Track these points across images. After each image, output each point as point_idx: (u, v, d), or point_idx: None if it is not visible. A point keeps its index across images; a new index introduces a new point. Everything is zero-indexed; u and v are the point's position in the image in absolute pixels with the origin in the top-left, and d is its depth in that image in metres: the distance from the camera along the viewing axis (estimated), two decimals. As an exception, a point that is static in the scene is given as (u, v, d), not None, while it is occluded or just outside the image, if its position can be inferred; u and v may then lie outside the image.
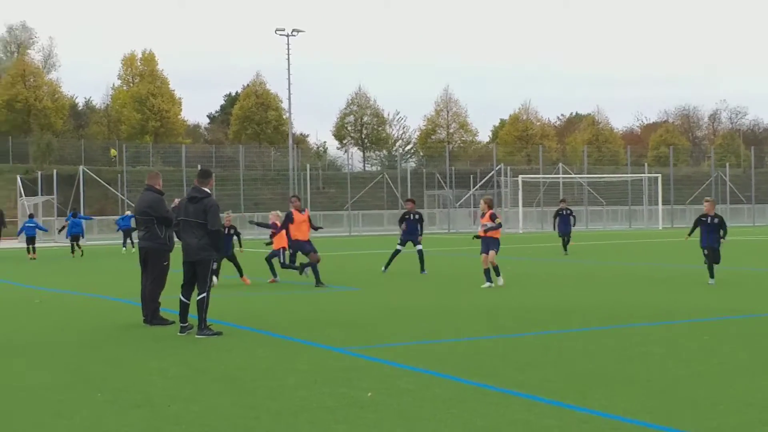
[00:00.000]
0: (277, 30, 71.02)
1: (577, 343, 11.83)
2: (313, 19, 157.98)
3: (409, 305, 16.47)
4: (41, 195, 61.48)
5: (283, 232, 21.50)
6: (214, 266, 13.09)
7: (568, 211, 33.15)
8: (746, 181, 76.84)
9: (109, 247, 48.39)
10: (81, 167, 61.05)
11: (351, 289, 20.05)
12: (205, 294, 12.75)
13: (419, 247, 24.35)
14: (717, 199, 71.05)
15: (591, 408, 8.05)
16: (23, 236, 39.25)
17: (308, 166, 67.61)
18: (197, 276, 12.88)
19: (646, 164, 75.80)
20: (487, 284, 19.35)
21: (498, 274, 19.71)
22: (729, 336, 12.34)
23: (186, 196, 13.24)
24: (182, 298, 13.05)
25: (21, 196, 61.63)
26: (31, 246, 37.77)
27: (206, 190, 13.12)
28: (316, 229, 22.23)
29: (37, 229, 39.43)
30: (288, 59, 71.28)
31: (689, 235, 20.74)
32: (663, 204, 65.46)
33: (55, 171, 61.89)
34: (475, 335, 12.71)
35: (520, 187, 60.14)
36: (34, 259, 36.42)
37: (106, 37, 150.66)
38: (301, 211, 21.10)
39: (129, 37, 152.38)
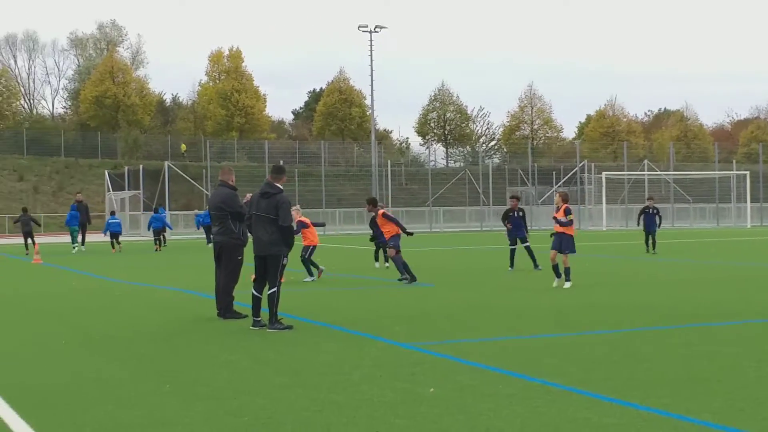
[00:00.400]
0: (360, 26, 71.35)
1: (646, 341, 11.69)
2: (395, 15, 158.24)
3: (480, 302, 16.46)
4: (128, 190, 62.71)
5: (313, 229, 22.06)
6: (285, 262, 13.17)
7: (655, 210, 32.55)
8: None
9: (192, 241, 49.17)
10: (166, 162, 62.13)
11: (424, 285, 20.06)
12: (275, 288, 12.89)
13: (527, 243, 24.26)
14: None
15: (653, 407, 7.96)
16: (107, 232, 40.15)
17: (389, 162, 67.70)
18: (267, 271, 13.03)
19: (734, 161, 74.32)
20: (557, 281, 18.90)
21: (568, 279, 18.77)
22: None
23: (258, 191, 13.40)
24: (254, 292, 13.23)
25: (108, 190, 62.94)
26: (114, 240, 38.72)
27: (279, 186, 13.26)
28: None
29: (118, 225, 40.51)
30: (371, 55, 71.59)
31: None
32: (752, 202, 64.16)
33: (141, 166, 63.08)
34: (543, 332, 12.64)
35: (604, 184, 59.47)
36: (119, 251, 37.30)
37: (194, 34, 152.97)
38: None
39: (216, 34, 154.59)
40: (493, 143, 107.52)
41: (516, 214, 24.41)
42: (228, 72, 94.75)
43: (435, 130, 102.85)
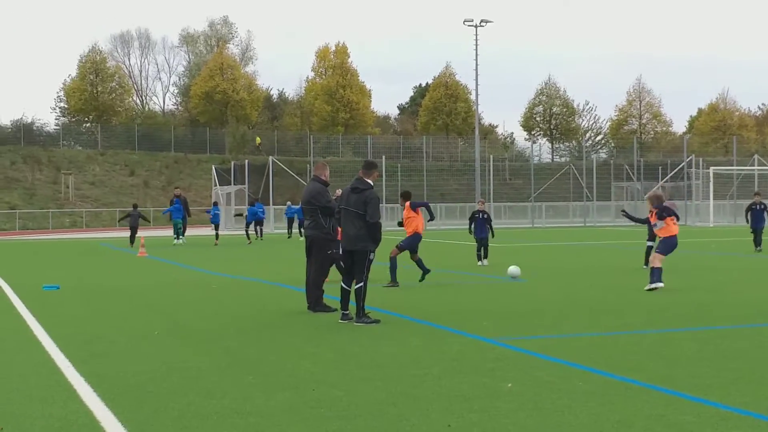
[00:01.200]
0: (465, 21, 71.14)
1: (740, 339, 11.49)
2: (501, 8, 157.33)
3: (570, 298, 16.37)
4: (233, 184, 63.80)
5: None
6: (372, 257, 13.27)
7: (762, 206, 31.60)
8: None
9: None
10: (270, 158, 63.03)
11: (518, 281, 20.00)
12: (362, 283, 13.01)
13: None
14: None
15: (733, 405, 7.84)
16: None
17: (491, 157, 67.45)
18: (355, 265, 13.15)
19: None
20: (652, 285, 17.41)
21: (654, 280, 17.38)
22: None
23: (349, 186, 13.54)
24: (343, 286, 13.38)
25: (215, 185, 64.14)
26: (217, 232, 39.77)
27: (369, 181, 13.38)
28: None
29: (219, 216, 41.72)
30: (476, 50, 71.29)
31: None
32: None
33: (246, 161, 64.09)
34: (632, 329, 12.51)
35: (711, 179, 58.26)
36: (217, 245, 38.20)
37: (302, 30, 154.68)
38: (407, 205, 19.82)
39: (323, 30, 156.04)
40: (599, 138, 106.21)
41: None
42: (334, 68, 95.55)
43: (541, 125, 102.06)
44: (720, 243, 36.13)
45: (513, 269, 20.41)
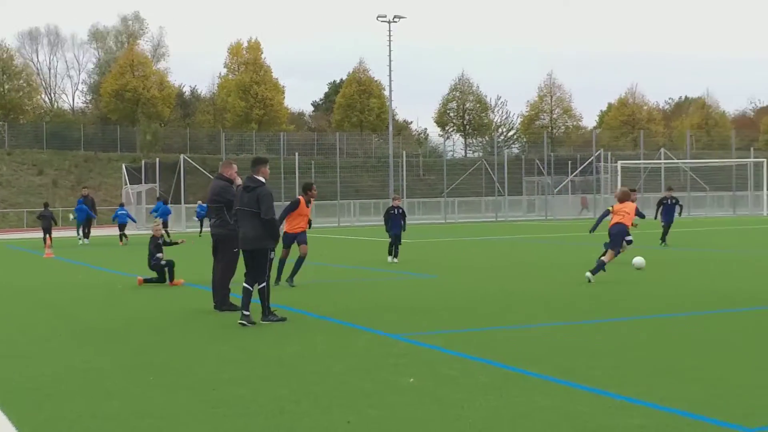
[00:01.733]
0: (378, 17, 71.30)
1: (637, 331, 11.73)
2: (414, 4, 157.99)
3: (479, 293, 16.51)
4: (144, 183, 63.02)
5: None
6: (272, 256, 13.16)
7: (674, 200, 31.78)
8: None
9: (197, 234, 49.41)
10: (182, 156, 62.37)
11: (427, 276, 20.13)
12: (264, 284, 12.87)
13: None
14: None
15: (627, 395, 8.02)
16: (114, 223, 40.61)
17: (404, 153, 67.75)
18: (255, 265, 12.99)
19: (752, 149, 73.90)
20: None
21: (596, 272, 17.92)
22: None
23: (242, 186, 13.38)
24: (245, 285, 13.13)
25: (126, 184, 63.29)
26: (122, 233, 39.15)
27: (259, 178, 13.11)
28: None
29: (127, 217, 40.91)
30: (389, 46, 71.55)
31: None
32: (769, 189, 63.81)
33: (157, 159, 63.35)
34: (534, 323, 12.69)
35: (619, 172, 59.31)
36: (126, 244, 37.64)
37: (214, 26, 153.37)
38: (307, 204, 18.45)
39: (236, 26, 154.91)
40: (511, 133, 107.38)
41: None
42: (247, 64, 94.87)
43: (454, 120, 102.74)
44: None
45: (638, 260, 20.60)
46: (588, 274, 17.78)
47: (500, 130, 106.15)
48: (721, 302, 14.50)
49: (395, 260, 24.43)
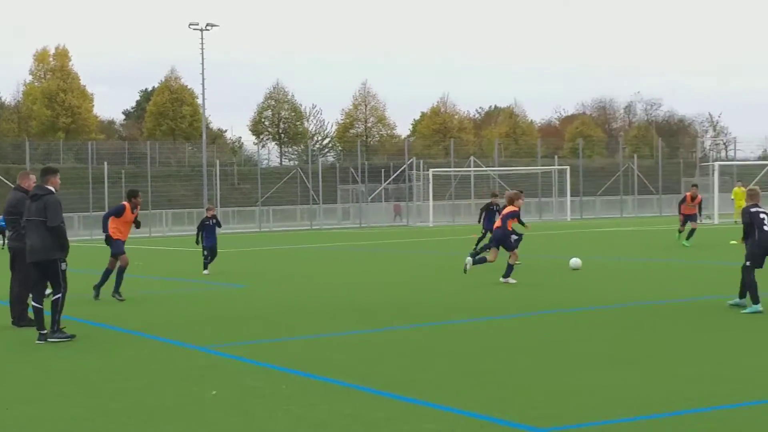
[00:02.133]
0: (191, 24, 70.30)
1: (445, 336, 12.02)
2: (228, 12, 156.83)
3: (290, 302, 16.43)
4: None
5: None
6: (64, 267, 12.59)
7: (497, 207, 31.42)
8: (657, 172, 77.97)
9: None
10: (-17, 166, 59.94)
11: (236, 286, 19.91)
12: (60, 295, 12.33)
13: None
14: (627, 189, 72.21)
15: (423, 399, 8.23)
16: None
17: (218, 161, 67.14)
18: (48, 278, 12.48)
19: (556, 156, 76.70)
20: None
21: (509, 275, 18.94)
22: (583, 326, 12.64)
23: (29, 196, 12.90)
24: (34, 304, 12.51)
25: None
26: None
27: (48, 187, 12.64)
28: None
29: None
30: (202, 54, 70.63)
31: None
32: (573, 195, 66.24)
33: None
34: (342, 331, 12.78)
35: (431, 180, 60.41)
36: None
37: (21, 33, 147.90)
38: (132, 210, 17.96)
39: (45, 33, 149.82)
40: (326, 141, 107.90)
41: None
42: (54, 71, 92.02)
43: (269, 129, 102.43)
44: (443, 243, 37.42)
45: (574, 261, 20.99)
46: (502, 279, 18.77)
47: (315, 138, 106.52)
48: (523, 308, 14.94)
49: (206, 272, 23.99)
